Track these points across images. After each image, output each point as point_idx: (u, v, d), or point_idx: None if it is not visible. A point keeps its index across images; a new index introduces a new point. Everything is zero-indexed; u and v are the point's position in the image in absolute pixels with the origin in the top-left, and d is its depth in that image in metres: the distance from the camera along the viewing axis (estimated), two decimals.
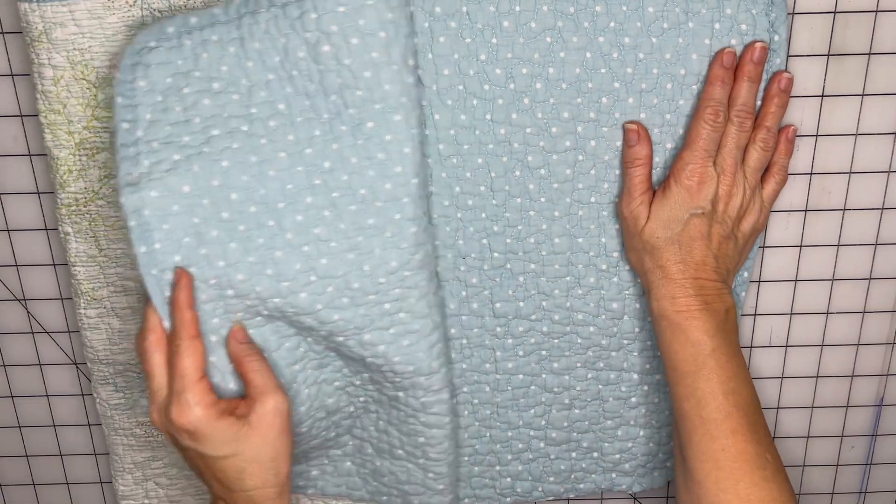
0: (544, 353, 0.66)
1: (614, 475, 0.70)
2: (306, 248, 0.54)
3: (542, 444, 0.69)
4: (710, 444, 0.56)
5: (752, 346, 0.69)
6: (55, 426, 0.73)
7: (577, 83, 0.57)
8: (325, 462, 0.68)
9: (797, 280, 0.67)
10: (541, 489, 0.71)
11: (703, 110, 0.57)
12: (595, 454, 0.69)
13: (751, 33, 0.56)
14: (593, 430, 0.69)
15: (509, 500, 0.71)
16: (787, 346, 0.69)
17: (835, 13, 0.58)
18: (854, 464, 0.74)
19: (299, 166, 0.53)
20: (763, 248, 0.65)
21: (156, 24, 0.53)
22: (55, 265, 0.67)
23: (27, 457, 0.74)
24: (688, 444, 0.58)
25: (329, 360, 0.60)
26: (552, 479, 0.70)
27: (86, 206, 0.61)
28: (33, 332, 0.69)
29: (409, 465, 0.65)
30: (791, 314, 0.68)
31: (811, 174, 0.63)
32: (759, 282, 0.67)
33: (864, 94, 0.61)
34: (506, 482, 0.71)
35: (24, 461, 0.75)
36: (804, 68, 0.60)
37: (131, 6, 0.56)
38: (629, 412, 0.68)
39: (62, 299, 0.68)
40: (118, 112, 0.52)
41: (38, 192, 0.64)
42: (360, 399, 0.63)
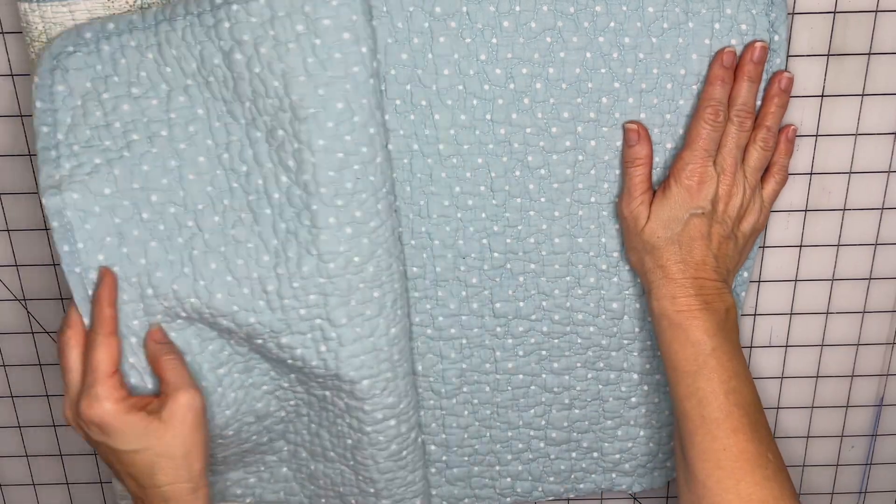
0: (544, 353, 0.66)
1: (614, 475, 0.70)
2: (223, 249, 0.56)
3: (542, 444, 0.69)
4: (711, 444, 0.56)
5: (752, 346, 0.69)
6: (55, 426, 0.73)
7: (577, 83, 0.57)
8: (262, 469, 0.68)
9: (797, 280, 0.67)
10: (541, 489, 0.71)
11: (703, 110, 0.57)
12: (595, 454, 0.70)
13: (751, 33, 0.56)
14: (593, 430, 0.69)
15: (509, 500, 0.71)
16: (787, 346, 0.69)
17: (835, 13, 0.58)
18: (854, 464, 0.74)
19: (218, 170, 0.55)
20: (763, 248, 0.65)
21: (73, 29, 0.53)
22: (55, 265, 0.67)
23: (27, 457, 0.74)
24: (689, 444, 0.58)
25: (255, 362, 0.61)
26: (552, 479, 0.70)
27: None
28: (33, 332, 0.69)
29: (342, 467, 0.66)
30: (791, 314, 0.68)
31: (811, 174, 0.63)
32: (759, 282, 0.67)
33: (864, 94, 0.61)
34: (506, 482, 0.71)
35: (24, 461, 0.75)
36: (804, 68, 0.60)
37: (130, 7, 0.56)
38: (629, 412, 0.68)
39: (62, 299, 0.68)
40: (38, 116, 0.53)
41: (38, 192, 0.64)
42: (291, 403, 0.64)
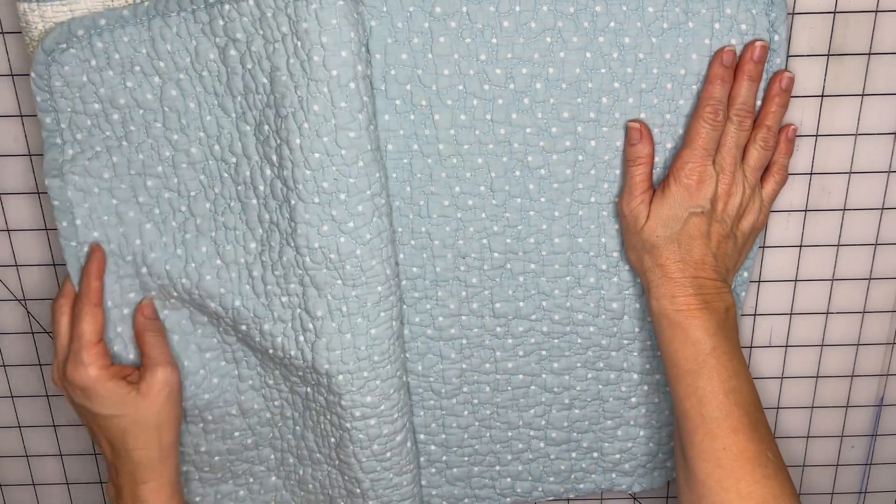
0: (544, 353, 0.66)
1: (614, 475, 0.70)
2: (213, 234, 0.59)
3: (542, 444, 0.69)
4: (711, 443, 0.56)
5: (752, 346, 0.69)
6: (55, 426, 0.73)
7: (577, 83, 0.57)
8: (251, 481, 0.69)
9: (797, 280, 0.67)
10: (541, 489, 0.71)
11: (702, 109, 0.57)
12: (595, 454, 0.70)
13: (751, 33, 0.56)
14: (593, 430, 0.69)
15: (509, 500, 0.71)
16: (787, 346, 0.69)
17: (835, 13, 0.58)
18: (854, 464, 0.74)
19: (210, 160, 0.58)
20: (763, 248, 0.65)
21: (65, 25, 0.54)
22: (55, 265, 0.67)
23: (27, 457, 0.74)
24: (689, 444, 0.58)
25: (242, 355, 0.64)
26: (552, 479, 0.70)
27: None
28: (33, 332, 0.69)
29: (329, 469, 0.66)
30: (791, 314, 0.68)
31: (811, 174, 0.63)
32: (759, 282, 0.67)
33: (864, 94, 0.61)
34: (506, 482, 0.71)
35: (24, 461, 0.75)
36: (804, 68, 0.60)
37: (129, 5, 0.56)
38: (629, 412, 0.68)
39: None
40: (40, 108, 0.56)
41: (38, 192, 0.64)
42: (276, 403, 0.66)
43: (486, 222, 0.61)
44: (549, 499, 0.72)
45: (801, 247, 0.66)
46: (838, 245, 0.65)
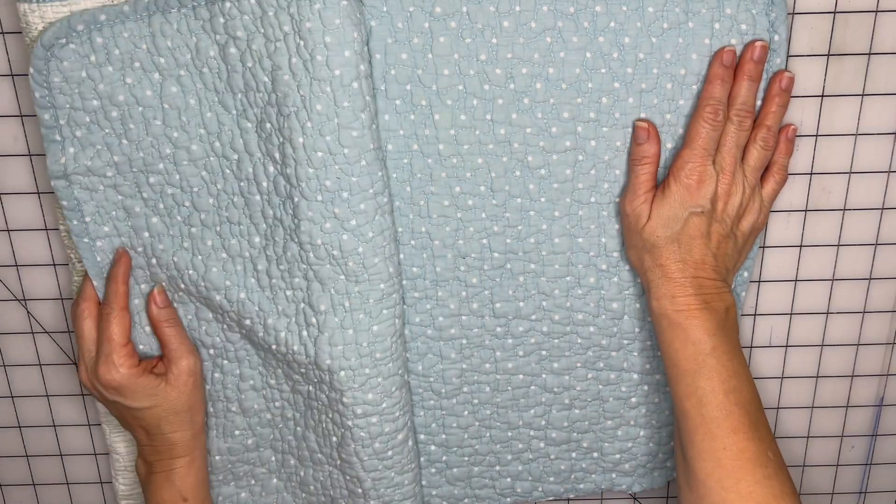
0: (544, 353, 0.66)
1: (614, 475, 0.70)
2: (218, 228, 0.60)
3: (542, 445, 0.69)
4: (711, 443, 0.56)
5: (752, 346, 0.69)
6: (55, 426, 0.73)
7: (577, 83, 0.57)
8: (253, 483, 0.70)
9: (797, 280, 0.67)
10: (541, 489, 0.71)
11: (702, 109, 0.57)
12: (595, 454, 0.70)
13: (751, 33, 0.56)
14: (593, 430, 0.69)
15: (509, 500, 0.71)
16: (787, 346, 0.69)
17: (835, 13, 0.58)
18: (854, 464, 0.74)
19: (211, 156, 0.58)
20: (763, 248, 0.65)
21: (64, 21, 0.54)
22: (55, 265, 0.67)
23: (27, 457, 0.74)
24: (689, 443, 0.58)
25: (244, 354, 0.64)
26: (552, 479, 0.70)
27: None
28: (33, 332, 0.69)
29: (330, 469, 0.66)
30: (791, 314, 0.68)
31: (811, 174, 0.63)
32: (759, 282, 0.67)
33: (864, 94, 0.61)
34: (506, 482, 0.71)
35: (24, 461, 0.75)
36: (804, 68, 0.60)
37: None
38: (629, 412, 0.68)
39: (62, 299, 0.68)
40: (38, 104, 0.56)
41: (38, 192, 0.64)
42: (276, 403, 0.66)
43: (486, 222, 0.61)
44: (549, 499, 0.72)
45: (801, 247, 0.66)
46: (838, 245, 0.65)
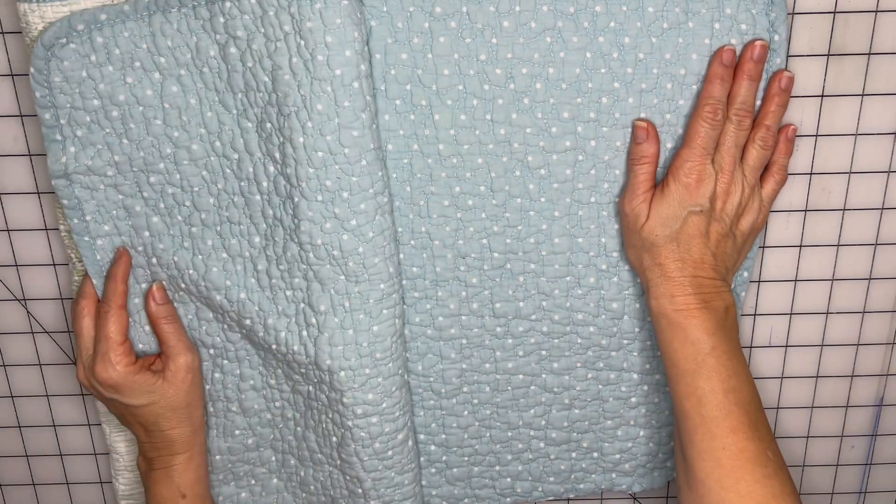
0: (544, 353, 0.66)
1: (614, 475, 0.70)
2: (219, 228, 0.60)
3: (542, 445, 0.69)
4: (710, 443, 0.56)
5: (752, 346, 0.69)
6: (55, 426, 0.73)
7: (577, 83, 0.57)
8: (253, 483, 0.70)
9: (797, 280, 0.67)
10: (541, 489, 0.71)
11: (701, 108, 0.57)
12: (595, 454, 0.69)
13: (751, 33, 0.56)
14: (593, 430, 0.69)
15: (509, 500, 0.71)
16: (787, 346, 0.69)
17: (835, 13, 0.58)
18: (854, 464, 0.74)
19: (211, 156, 0.58)
20: (763, 248, 0.65)
21: (65, 20, 0.54)
22: (55, 265, 0.67)
23: (27, 457, 0.74)
24: (689, 443, 0.58)
25: (245, 353, 0.64)
26: (552, 479, 0.70)
27: None
28: (33, 332, 0.69)
29: (330, 469, 0.66)
30: (791, 314, 0.68)
31: (811, 174, 0.63)
32: (759, 282, 0.67)
33: (864, 94, 0.61)
34: (506, 482, 0.71)
35: (24, 461, 0.75)
36: (804, 68, 0.60)
37: None
38: (629, 412, 0.68)
39: (62, 299, 0.68)
40: (39, 103, 0.56)
41: (38, 192, 0.64)
42: (276, 404, 0.66)
43: (486, 222, 0.61)
44: (549, 499, 0.72)
45: (801, 247, 0.66)
46: (838, 245, 0.65)
